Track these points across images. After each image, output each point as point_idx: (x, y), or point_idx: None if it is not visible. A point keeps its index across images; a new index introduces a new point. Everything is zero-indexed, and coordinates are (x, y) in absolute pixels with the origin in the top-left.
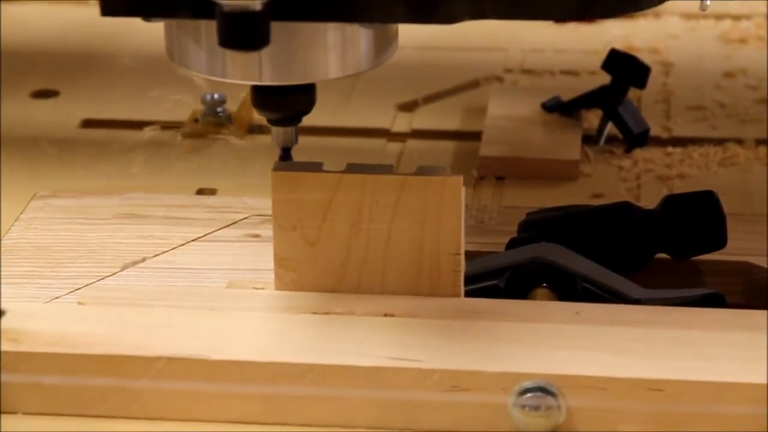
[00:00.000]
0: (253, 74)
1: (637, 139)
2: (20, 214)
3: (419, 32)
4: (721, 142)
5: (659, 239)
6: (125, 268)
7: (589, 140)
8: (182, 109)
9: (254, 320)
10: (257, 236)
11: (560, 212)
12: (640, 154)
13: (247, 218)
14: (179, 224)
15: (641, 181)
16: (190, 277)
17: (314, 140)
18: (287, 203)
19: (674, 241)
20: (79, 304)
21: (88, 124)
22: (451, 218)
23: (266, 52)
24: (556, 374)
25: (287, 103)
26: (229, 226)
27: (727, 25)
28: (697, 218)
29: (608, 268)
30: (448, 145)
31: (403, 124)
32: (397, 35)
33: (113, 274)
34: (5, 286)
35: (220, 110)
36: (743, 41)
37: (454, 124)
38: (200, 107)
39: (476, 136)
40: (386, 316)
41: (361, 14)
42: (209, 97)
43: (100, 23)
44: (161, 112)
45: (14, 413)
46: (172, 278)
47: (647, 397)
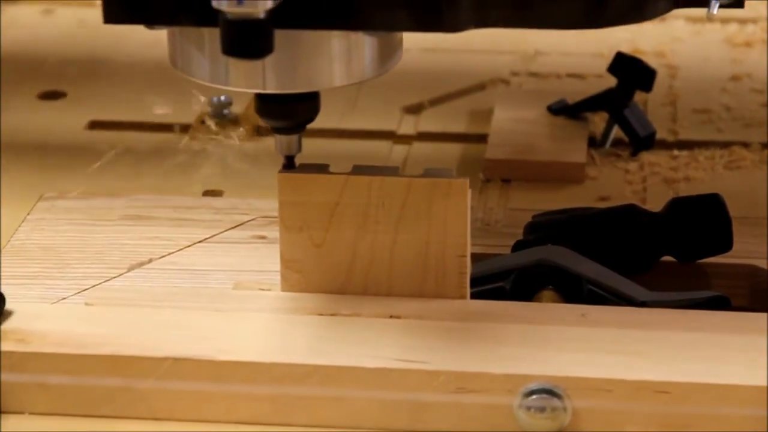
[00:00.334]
0: (256, 82)
1: (643, 142)
2: (27, 215)
3: (426, 35)
4: (726, 145)
5: (665, 242)
6: (132, 269)
7: (595, 143)
8: (189, 110)
9: (260, 321)
10: (264, 238)
11: (566, 215)
12: (646, 157)
13: (253, 220)
14: (186, 225)
15: (647, 184)
16: (196, 278)
17: (320, 143)
18: (294, 205)
19: (680, 243)
20: (86, 304)
21: (94, 125)
22: (457, 220)
23: (270, 60)
24: (561, 376)
25: (291, 111)
26: (235, 227)
27: (733, 28)
28: (702, 221)
29: (614, 270)
30: (454, 147)
31: (409, 126)
32: (401, 43)
33: (120, 275)
34: (13, 286)
35: (226, 112)
36: (749, 45)
37: (460, 126)
38: (207, 109)
39: (482, 138)
40: (392, 317)
41: (365, 22)
42: (216, 99)
43: (107, 25)
44: (168, 113)
45: (21, 413)
46: (178, 279)
47: (653, 399)
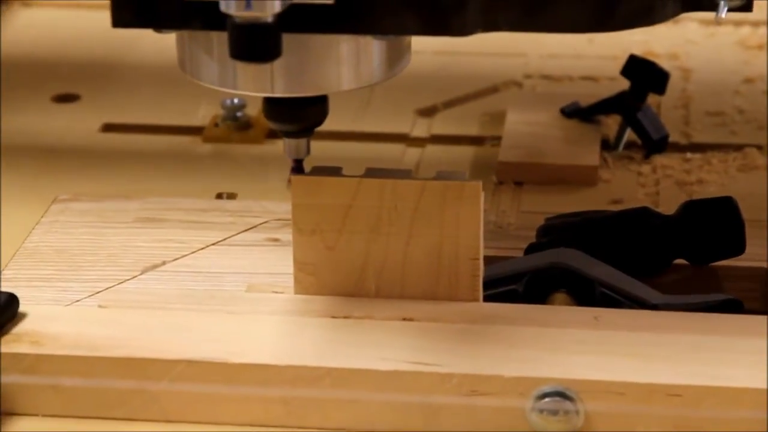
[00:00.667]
0: (265, 86)
1: (656, 144)
2: (41, 217)
3: (438, 38)
4: (740, 147)
5: (678, 245)
6: (145, 271)
7: (608, 146)
8: (202, 113)
9: (273, 324)
10: (277, 240)
11: (579, 218)
12: (659, 159)
13: (266, 222)
14: (199, 228)
15: (660, 186)
16: (209, 280)
17: (333, 145)
18: (307, 208)
19: (693, 246)
20: (99, 307)
21: (108, 128)
22: (470, 223)
23: (278, 63)
24: (574, 379)
25: (299, 114)
26: (248, 230)
27: (746, 31)
28: (715, 224)
29: (627, 273)
30: (467, 150)
31: (422, 129)
32: (410, 47)
33: (133, 277)
34: (26, 289)
35: (239, 115)
36: (762, 47)
37: (473, 129)
38: (220, 112)
39: (495, 141)
40: (405, 320)
41: (373, 26)
42: (229, 102)
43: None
44: (182, 116)
45: (35, 415)
46: (191, 282)
47: (665, 402)
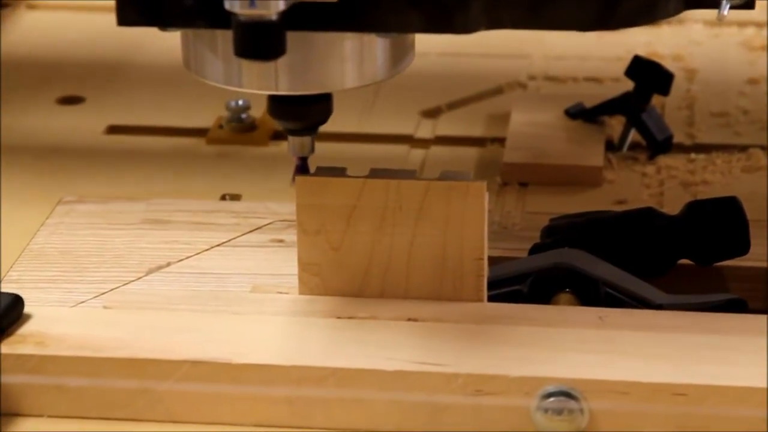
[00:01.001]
0: (269, 84)
1: (660, 145)
2: (46, 219)
3: (443, 39)
4: (744, 148)
5: (682, 245)
6: (150, 272)
7: (612, 147)
8: (206, 115)
9: (278, 324)
10: (281, 241)
11: (584, 218)
12: (663, 160)
13: (271, 223)
14: (204, 229)
15: (664, 187)
16: (214, 281)
17: (338, 146)
18: (311, 208)
19: (697, 247)
20: (104, 308)
21: (113, 130)
22: (474, 223)
23: (282, 61)
24: (579, 378)
25: (304, 112)
26: (253, 231)
27: (750, 32)
28: (720, 224)
29: (631, 273)
30: (471, 151)
31: (426, 130)
32: (413, 45)
33: (138, 278)
34: (32, 290)
35: (244, 116)
36: (766, 48)
37: (477, 130)
38: (225, 113)
39: (500, 142)
40: (410, 320)
41: (377, 24)
42: (234, 103)
43: (125, 30)
44: (186, 118)
45: (40, 416)
46: (196, 283)
47: (670, 401)
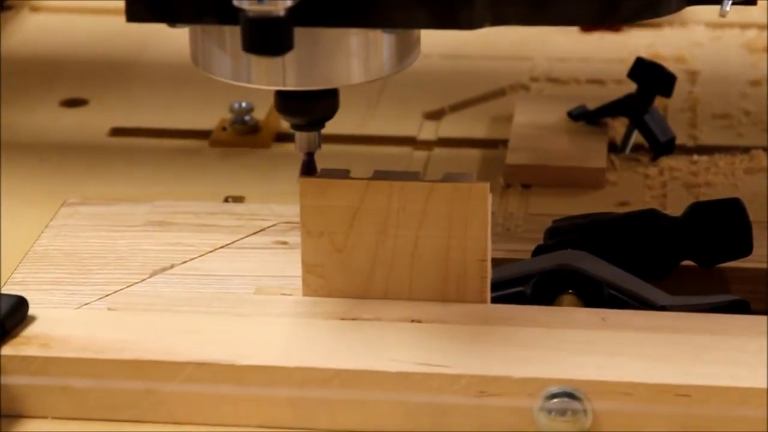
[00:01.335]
0: (276, 79)
1: (663, 147)
2: (50, 221)
3: (446, 40)
4: (746, 149)
5: (685, 246)
6: (154, 274)
7: (615, 148)
8: (210, 117)
9: (282, 326)
10: (285, 243)
11: (587, 220)
12: (666, 162)
13: (274, 225)
14: (207, 231)
15: (667, 189)
16: (218, 283)
17: (341, 148)
18: (315, 210)
19: (700, 248)
20: (108, 310)
21: (116, 132)
22: (477, 225)
23: (290, 57)
24: (582, 379)
25: (311, 107)
26: (257, 233)
27: (752, 33)
28: (722, 226)
29: (634, 274)
30: (474, 153)
31: (429, 132)
32: (419, 40)
33: (142, 280)
34: (36, 292)
35: (247, 118)
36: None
37: (480, 132)
38: (228, 115)
39: (502, 144)
40: (413, 321)
41: (382, 19)
42: (237, 105)
43: (129, 33)
44: (189, 120)
45: (44, 418)
46: (200, 285)
47: (673, 402)
